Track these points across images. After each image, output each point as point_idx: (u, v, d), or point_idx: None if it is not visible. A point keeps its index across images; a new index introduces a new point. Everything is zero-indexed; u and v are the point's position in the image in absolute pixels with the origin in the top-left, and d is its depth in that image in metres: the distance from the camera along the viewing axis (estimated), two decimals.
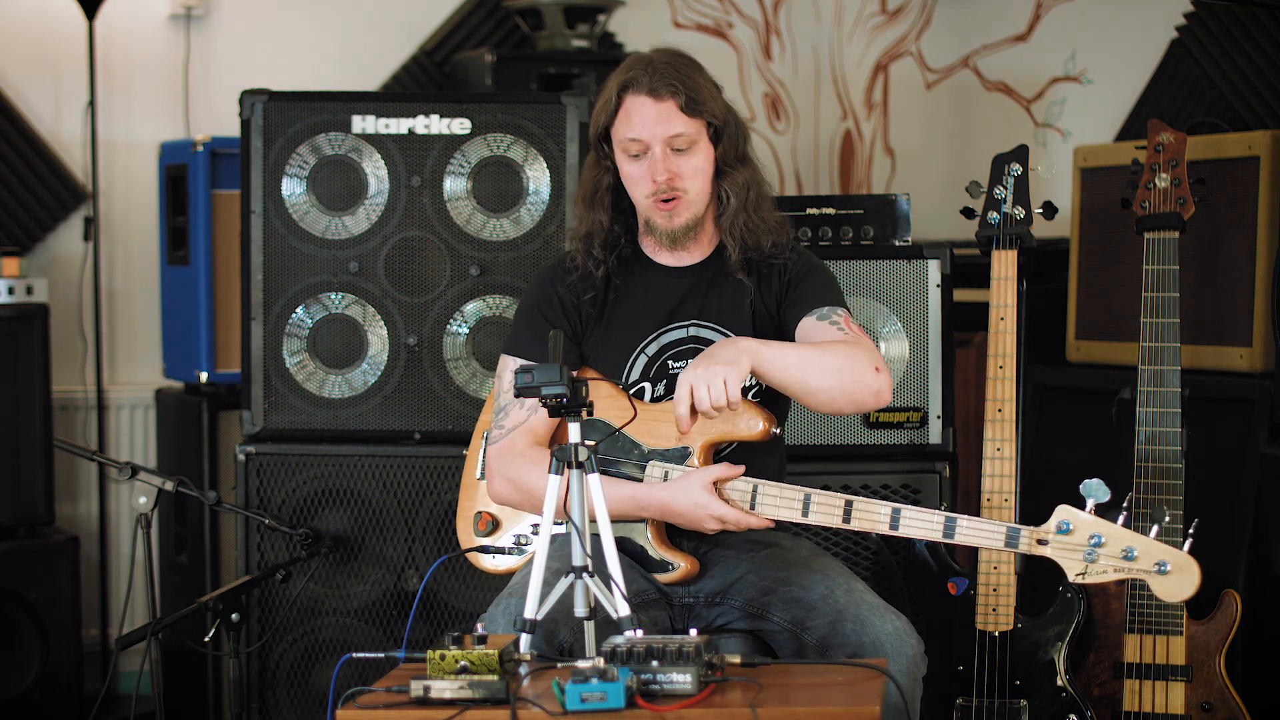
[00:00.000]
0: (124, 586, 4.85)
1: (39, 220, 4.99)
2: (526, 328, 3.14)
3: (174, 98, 5.13)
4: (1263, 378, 3.88)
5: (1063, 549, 2.68)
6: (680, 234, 3.08)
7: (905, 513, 2.82)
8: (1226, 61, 4.57)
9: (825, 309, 3.06)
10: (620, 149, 3.06)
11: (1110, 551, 2.65)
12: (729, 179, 3.10)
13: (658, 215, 3.07)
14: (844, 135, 5.88)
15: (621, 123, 3.05)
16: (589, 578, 2.56)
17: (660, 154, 3.02)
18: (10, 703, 4.27)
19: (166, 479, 3.65)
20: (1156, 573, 2.63)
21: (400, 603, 3.89)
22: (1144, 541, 2.63)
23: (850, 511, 2.84)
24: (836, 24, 5.87)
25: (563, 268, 3.18)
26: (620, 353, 3.12)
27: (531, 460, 3.02)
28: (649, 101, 3.02)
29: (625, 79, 3.04)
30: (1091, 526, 2.66)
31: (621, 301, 3.14)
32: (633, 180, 3.07)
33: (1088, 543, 2.66)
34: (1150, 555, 2.63)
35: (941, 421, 3.76)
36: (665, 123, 3.01)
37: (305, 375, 3.91)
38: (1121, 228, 4.04)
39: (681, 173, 3.04)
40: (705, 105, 3.04)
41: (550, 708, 2.33)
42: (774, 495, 2.92)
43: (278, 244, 3.90)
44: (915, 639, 2.90)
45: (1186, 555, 2.63)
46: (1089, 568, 2.66)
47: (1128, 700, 3.56)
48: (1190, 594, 2.63)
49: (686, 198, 3.06)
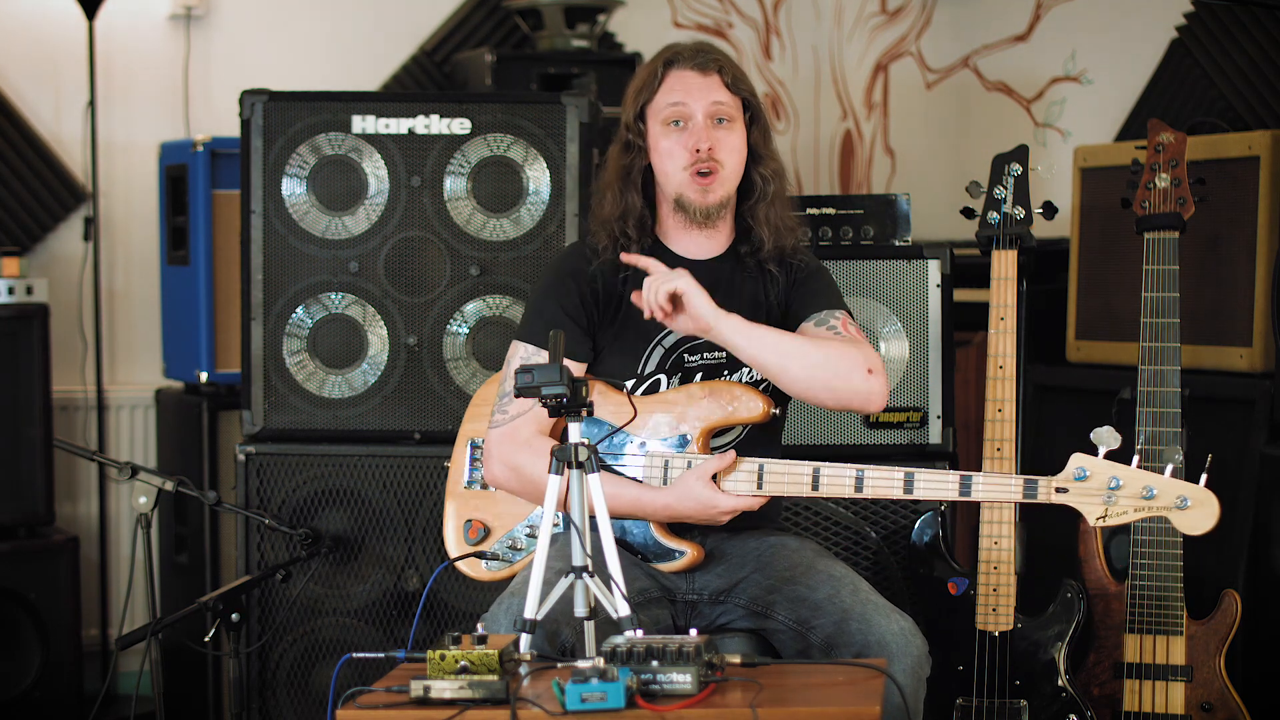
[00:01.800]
0: (124, 586, 4.85)
1: (39, 220, 4.99)
2: (538, 315, 3.12)
3: (174, 98, 5.13)
4: (1263, 378, 3.88)
5: (1082, 494, 2.72)
6: (714, 211, 3.10)
7: (919, 475, 2.84)
8: (1226, 61, 4.57)
9: (823, 313, 3.09)
10: (659, 120, 3.09)
11: (1130, 492, 2.70)
12: (764, 164, 3.14)
13: (692, 190, 3.07)
14: (844, 135, 5.88)
15: (664, 93, 3.09)
16: (589, 578, 2.56)
17: (703, 123, 3.06)
18: (10, 703, 4.27)
19: (166, 479, 3.65)
20: (1177, 508, 2.68)
21: (400, 603, 3.89)
22: (1162, 480, 2.69)
23: (863, 481, 2.86)
24: (836, 24, 5.87)
25: (581, 254, 3.16)
26: (636, 344, 3.11)
27: (535, 451, 3.00)
28: (694, 74, 3.08)
29: (669, 56, 3.11)
30: (1109, 470, 2.71)
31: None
32: (668, 154, 3.08)
33: (1107, 486, 2.70)
34: (1170, 492, 2.69)
35: (941, 421, 3.76)
36: (709, 92, 3.07)
37: (305, 375, 3.91)
38: (1121, 228, 4.04)
39: (722, 144, 3.07)
40: (745, 84, 3.11)
41: (550, 708, 2.33)
42: (781, 473, 2.92)
43: (278, 244, 3.90)
44: (920, 639, 2.91)
45: (1205, 489, 2.68)
46: (1109, 510, 2.71)
47: (1128, 700, 3.56)
48: (1212, 525, 2.69)
49: (723, 172, 3.07)
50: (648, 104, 3.11)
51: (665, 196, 3.13)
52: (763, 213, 3.13)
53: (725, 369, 3.11)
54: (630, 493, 2.98)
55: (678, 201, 3.10)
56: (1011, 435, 3.56)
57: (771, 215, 3.13)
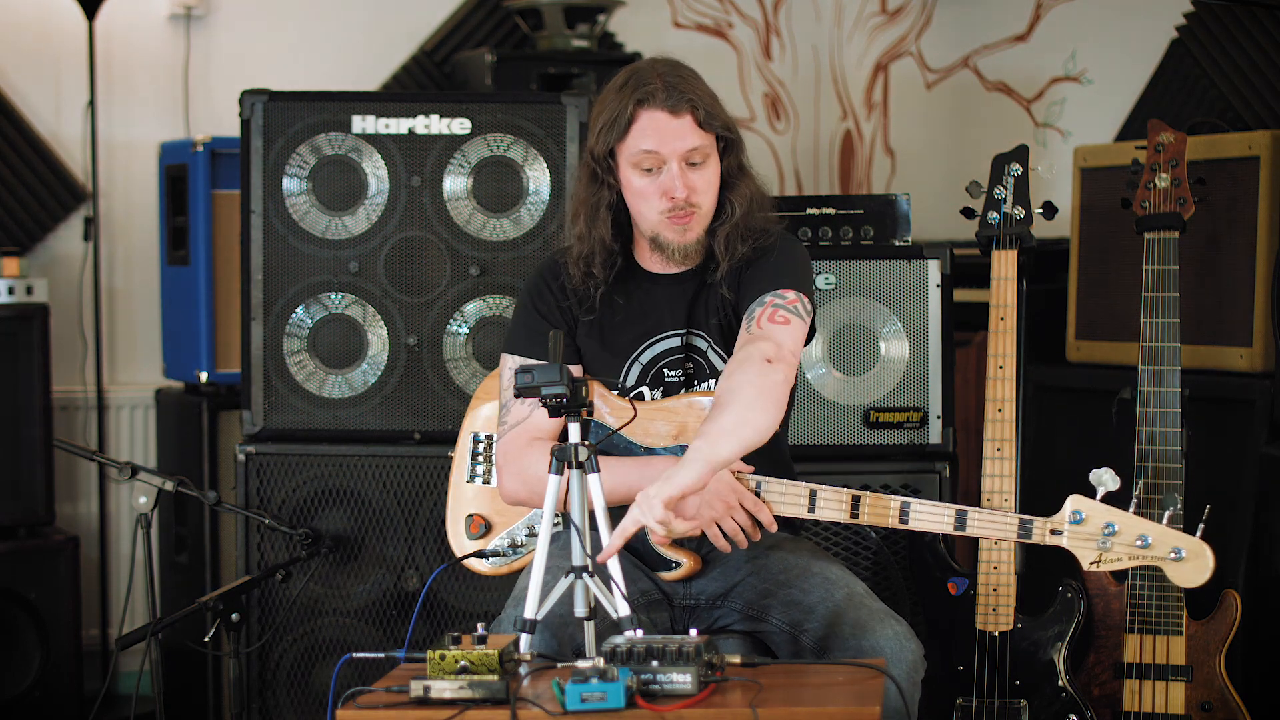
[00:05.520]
0: (124, 586, 4.85)
1: (39, 220, 4.99)
2: (522, 324, 3.13)
3: (174, 98, 5.13)
4: (1263, 378, 3.88)
5: (1077, 539, 2.68)
6: (692, 249, 3.04)
7: (915, 506, 2.80)
8: (1226, 61, 4.57)
9: (752, 306, 2.99)
10: (630, 164, 2.99)
11: (1124, 540, 2.66)
12: (736, 191, 3.06)
13: (669, 231, 3.01)
14: (844, 135, 5.88)
15: (635, 137, 2.97)
16: (589, 578, 2.56)
17: (677, 169, 2.97)
18: (10, 703, 4.28)
19: (166, 479, 3.65)
20: (1172, 559, 2.64)
21: (400, 603, 3.89)
22: (1158, 529, 2.64)
23: (859, 507, 2.83)
24: (836, 24, 5.87)
25: (552, 272, 3.14)
26: (615, 358, 3.10)
27: (540, 454, 2.99)
28: (666, 116, 2.96)
29: (640, 94, 2.97)
30: (1105, 515, 2.66)
31: (612, 309, 3.11)
32: (643, 196, 3.00)
33: (1102, 532, 2.66)
34: (1165, 542, 2.64)
35: (941, 421, 3.76)
36: (683, 138, 2.96)
37: (305, 375, 3.91)
38: (1121, 228, 4.04)
39: (697, 187, 2.99)
40: (717, 118, 3.00)
41: (550, 708, 2.33)
42: (779, 491, 2.91)
43: (278, 244, 3.90)
44: (915, 644, 2.89)
45: (1200, 541, 2.63)
46: (1103, 556, 2.67)
47: (1128, 700, 3.56)
48: (1206, 579, 2.64)
49: (700, 212, 3.01)
50: (619, 143, 3.00)
51: (640, 231, 3.08)
52: (724, 235, 3.04)
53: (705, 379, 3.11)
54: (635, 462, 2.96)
55: (654, 240, 3.04)
56: (1011, 435, 3.56)
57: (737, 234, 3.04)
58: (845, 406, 3.78)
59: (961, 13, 5.66)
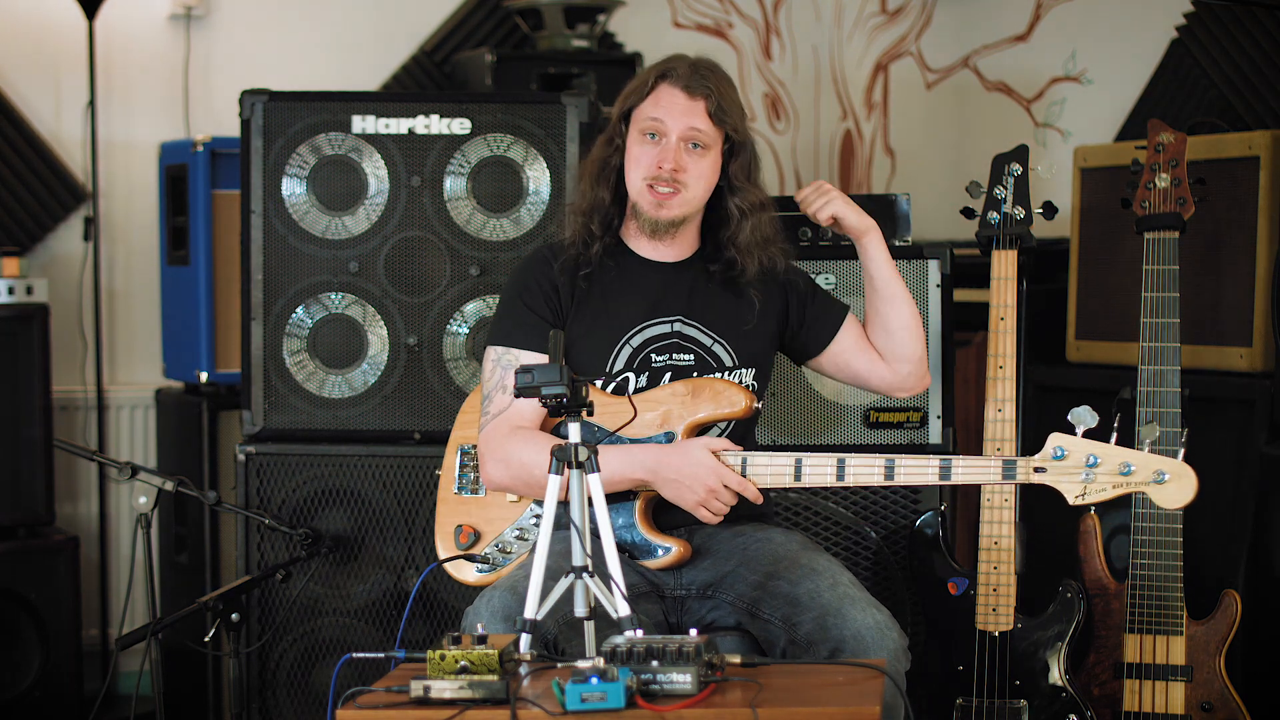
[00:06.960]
0: (124, 586, 4.85)
1: (39, 220, 4.99)
2: (507, 316, 3.19)
3: (174, 98, 5.13)
4: (1263, 378, 3.88)
5: (1060, 473, 2.75)
6: (663, 227, 3.15)
7: (900, 462, 2.88)
8: (1226, 61, 4.57)
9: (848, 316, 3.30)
10: (638, 128, 3.14)
11: (1107, 469, 2.72)
12: (741, 195, 3.18)
13: (646, 201, 3.13)
14: (844, 135, 5.88)
15: (648, 104, 3.13)
16: (589, 578, 2.56)
17: (675, 144, 3.11)
18: (10, 703, 4.27)
19: (166, 479, 3.65)
20: (1155, 483, 2.69)
21: (400, 603, 3.89)
22: (1140, 455, 2.71)
23: (844, 469, 2.89)
24: (836, 24, 5.87)
25: (543, 257, 3.23)
26: (604, 343, 3.16)
27: (523, 439, 3.05)
28: (681, 94, 3.12)
29: (665, 68, 3.15)
30: (1086, 448, 2.73)
31: (603, 290, 3.17)
32: (637, 160, 3.14)
33: (1084, 464, 2.72)
34: (1147, 467, 2.71)
35: (941, 421, 3.76)
36: (689, 116, 3.11)
37: (305, 375, 3.91)
38: (1121, 228, 4.04)
39: (687, 168, 3.11)
40: (730, 118, 3.14)
41: (550, 708, 2.33)
42: (764, 465, 2.95)
43: (278, 244, 3.90)
44: (897, 633, 2.93)
45: (1181, 463, 2.71)
46: (1088, 488, 2.73)
47: (1128, 700, 3.56)
48: (1190, 498, 2.70)
49: (684, 194, 3.12)
50: (634, 108, 3.17)
51: (631, 204, 3.20)
52: (745, 240, 3.18)
53: (695, 370, 3.14)
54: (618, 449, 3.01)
55: (634, 207, 3.18)
56: (1011, 435, 3.56)
57: (757, 240, 3.19)
58: (845, 406, 3.78)
59: (961, 13, 5.66)
